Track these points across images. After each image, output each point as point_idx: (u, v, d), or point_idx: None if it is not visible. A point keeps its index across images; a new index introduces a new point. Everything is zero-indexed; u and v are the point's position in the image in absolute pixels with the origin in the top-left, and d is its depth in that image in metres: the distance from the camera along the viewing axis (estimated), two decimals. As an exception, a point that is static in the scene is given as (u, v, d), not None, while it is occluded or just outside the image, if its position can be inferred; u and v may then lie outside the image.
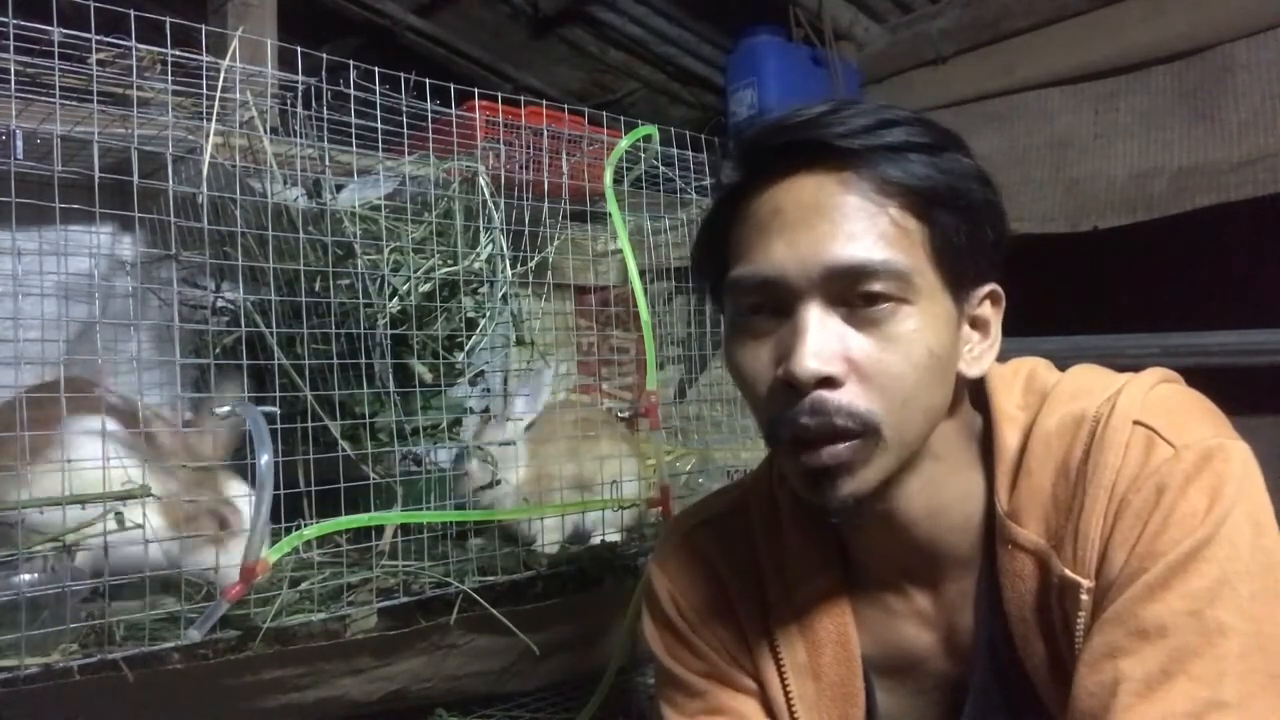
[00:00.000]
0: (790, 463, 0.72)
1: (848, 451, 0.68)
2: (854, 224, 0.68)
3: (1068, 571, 0.69)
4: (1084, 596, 0.68)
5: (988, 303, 0.75)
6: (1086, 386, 0.74)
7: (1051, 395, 0.75)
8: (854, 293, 0.68)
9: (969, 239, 0.71)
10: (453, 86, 1.35)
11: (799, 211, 0.69)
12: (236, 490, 1.17)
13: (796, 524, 0.83)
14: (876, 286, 0.67)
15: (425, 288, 1.35)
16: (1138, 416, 0.70)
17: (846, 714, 0.80)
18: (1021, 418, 0.75)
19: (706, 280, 0.80)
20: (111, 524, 1.02)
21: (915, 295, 0.68)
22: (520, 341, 1.51)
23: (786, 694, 0.81)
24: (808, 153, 0.70)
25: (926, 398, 0.70)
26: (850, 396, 0.67)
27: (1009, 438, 0.75)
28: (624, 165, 1.58)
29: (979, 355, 0.75)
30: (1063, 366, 0.80)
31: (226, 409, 1.14)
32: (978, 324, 0.75)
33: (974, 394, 0.79)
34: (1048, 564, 0.71)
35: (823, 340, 0.67)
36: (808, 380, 0.66)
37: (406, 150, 1.37)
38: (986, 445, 0.77)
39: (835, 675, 0.80)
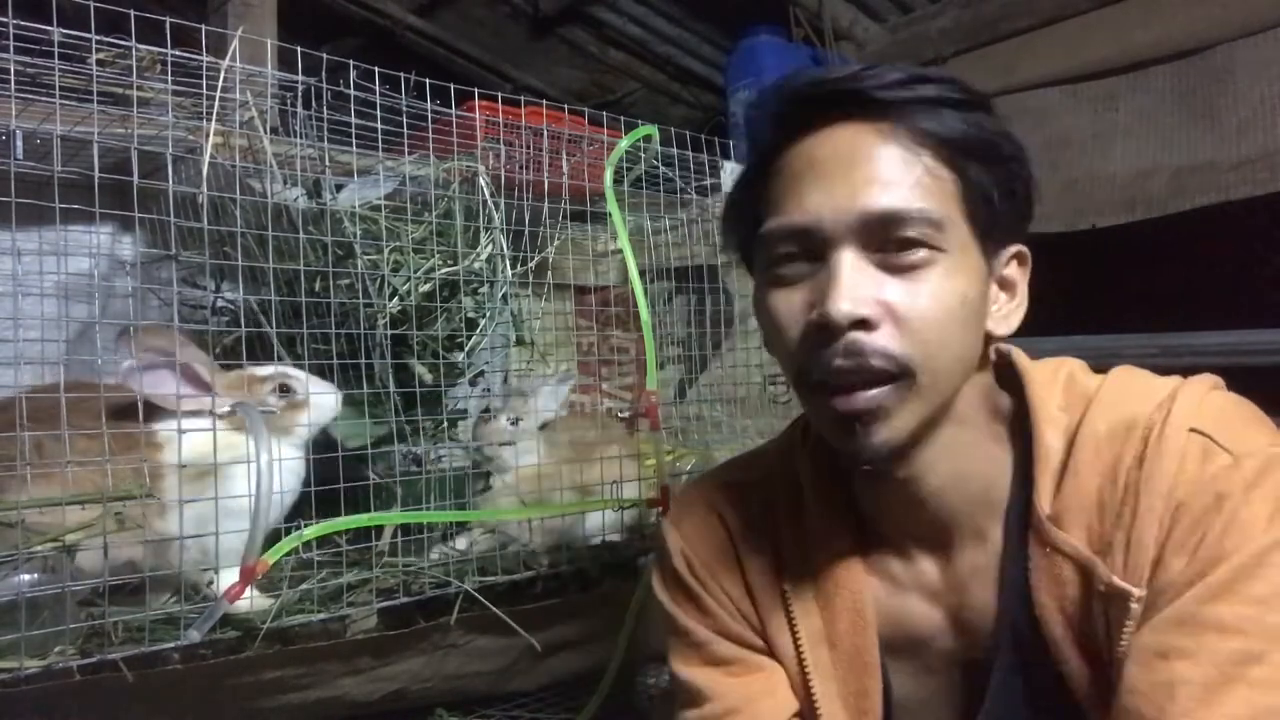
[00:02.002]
0: (820, 409, 0.72)
1: (882, 396, 0.68)
2: (890, 172, 0.69)
3: (1116, 580, 0.68)
4: (1134, 605, 0.67)
5: (1015, 263, 0.77)
6: (1135, 391, 0.74)
7: (1096, 399, 0.74)
8: (889, 240, 0.69)
9: (999, 193, 0.72)
10: (453, 86, 1.34)
11: (835, 161, 0.70)
12: (286, 369, 1.23)
13: (817, 493, 0.83)
14: (911, 233, 0.68)
15: (425, 288, 1.35)
16: (1194, 424, 0.69)
17: (864, 686, 0.79)
18: (1064, 420, 0.74)
19: (737, 238, 0.81)
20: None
21: (948, 244, 0.69)
22: (520, 341, 1.51)
23: (801, 662, 0.81)
24: (844, 105, 0.71)
25: (959, 345, 0.71)
26: (885, 339, 0.68)
27: (1051, 439, 0.74)
28: (624, 165, 1.57)
29: (1007, 314, 0.76)
30: None
31: (226, 408, 1.14)
32: (1005, 284, 0.77)
33: (1003, 377, 0.79)
34: (1092, 572, 0.70)
35: (858, 283, 0.68)
36: (842, 321, 0.67)
37: (406, 150, 1.37)
38: (1014, 429, 0.77)
39: (851, 644, 0.80)
